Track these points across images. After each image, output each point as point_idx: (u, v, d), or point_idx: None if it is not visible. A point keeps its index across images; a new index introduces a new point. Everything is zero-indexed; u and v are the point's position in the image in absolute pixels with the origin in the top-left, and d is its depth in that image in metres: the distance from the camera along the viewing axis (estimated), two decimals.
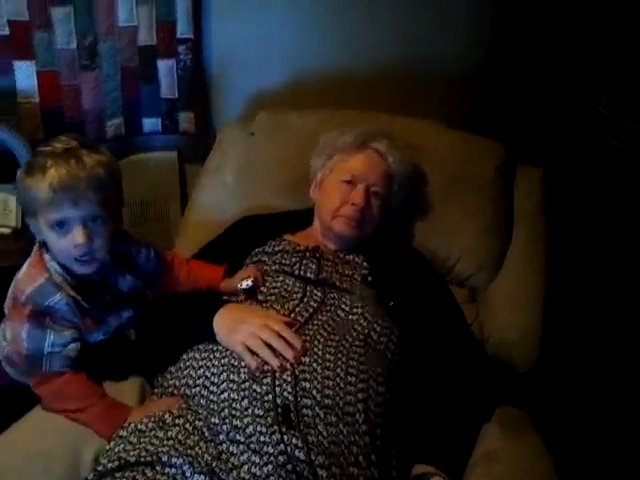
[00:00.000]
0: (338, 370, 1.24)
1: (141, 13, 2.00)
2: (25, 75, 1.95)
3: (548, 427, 1.46)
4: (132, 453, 1.12)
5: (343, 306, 1.39)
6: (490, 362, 1.53)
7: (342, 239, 1.56)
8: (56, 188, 1.14)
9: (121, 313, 1.35)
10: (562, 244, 1.86)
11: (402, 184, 1.61)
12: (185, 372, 1.28)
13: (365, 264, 1.53)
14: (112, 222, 1.24)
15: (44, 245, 1.24)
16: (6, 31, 1.89)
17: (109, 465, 1.11)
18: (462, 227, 1.70)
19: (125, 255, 1.35)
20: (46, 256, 1.23)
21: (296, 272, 1.47)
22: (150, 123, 2.17)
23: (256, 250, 1.56)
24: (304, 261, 1.49)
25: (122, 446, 1.15)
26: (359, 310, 1.39)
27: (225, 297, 1.44)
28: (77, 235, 1.17)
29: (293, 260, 1.50)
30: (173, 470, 1.08)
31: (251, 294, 1.42)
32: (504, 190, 1.75)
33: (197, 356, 1.30)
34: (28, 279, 1.23)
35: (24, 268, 1.26)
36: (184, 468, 1.08)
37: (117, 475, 1.08)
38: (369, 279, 1.49)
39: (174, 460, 1.08)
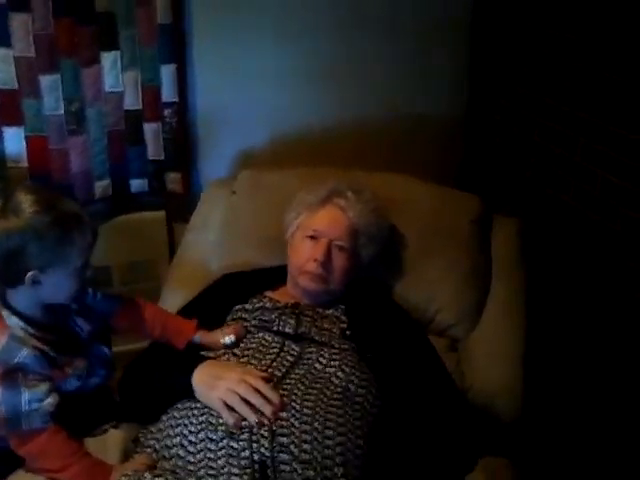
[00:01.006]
0: (316, 424, 1.25)
1: (127, 79, 2.05)
2: (14, 140, 1.99)
3: (532, 477, 1.45)
4: None
5: (321, 359, 1.41)
6: (472, 411, 1.53)
7: (310, 294, 1.59)
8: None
9: (88, 356, 1.37)
10: (541, 292, 1.88)
11: (370, 236, 1.62)
12: (164, 433, 1.29)
13: (344, 317, 1.55)
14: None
15: (2, 303, 1.28)
16: None
17: None
18: (440, 279, 1.72)
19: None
20: (5, 313, 1.27)
21: (275, 328, 1.49)
22: (137, 184, 2.21)
23: (237, 307, 1.58)
24: (283, 317, 1.51)
25: None
26: (337, 363, 1.40)
27: (203, 352, 1.45)
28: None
29: (272, 316, 1.52)
30: None
31: (231, 349, 1.44)
32: (481, 241, 1.79)
33: (176, 414, 1.31)
34: None
35: None
36: None
37: None
38: (347, 333, 1.51)
39: None
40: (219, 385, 1.29)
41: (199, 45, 2.13)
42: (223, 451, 1.19)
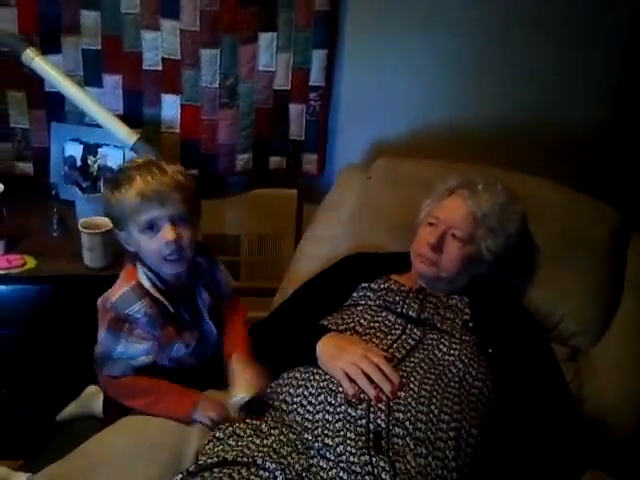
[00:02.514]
0: (432, 407, 1.28)
1: (280, 59, 2.15)
2: (170, 107, 2.14)
3: None
4: (230, 453, 1.21)
5: (441, 347, 1.43)
6: (585, 423, 1.51)
7: (424, 278, 1.61)
8: (144, 193, 1.27)
9: (201, 329, 1.43)
10: None
11: (490, 228, 1.60)
12: (284, 389, 1.36)
13: (467, 310, 1.56)
14: (195, 225, 1.36)
15: (134, 256, 1.37)
16: (159, 67, 2.09)
17: (209, 461, 1.19)
18: (570, 285, 1.70)
19: (203, 269, 1.44)
20: (138, 263, 1.36)
21: (398, 310, 1.53)
22: (276, 161, 2.31)
23: (363, 285, 1.63)
24: (407, 300, 1.55)
25: (221, 447, 1.24)
26: (456, 352, 1.42)
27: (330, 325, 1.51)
28: (166, 232, 1.29)
29: (397, 298, 1.56)
30: (266, 474, 1.15)
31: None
32: (616, 255, 1.75)
33: (297, 376, 1.37)
34: (116, 289, 1.36)
35: (117, 281, 1.38)
36: (276, 473, 1.15)
37: (215, 470, 1.17)
38: (470, 325, 1.52)
39: (268, 464, 1.16)
40: (343, 356, 1.34)
41: (351, 34, 2.18)
42: (340, 415, 1.25)
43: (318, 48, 2.14)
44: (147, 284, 1.34)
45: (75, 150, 2.04)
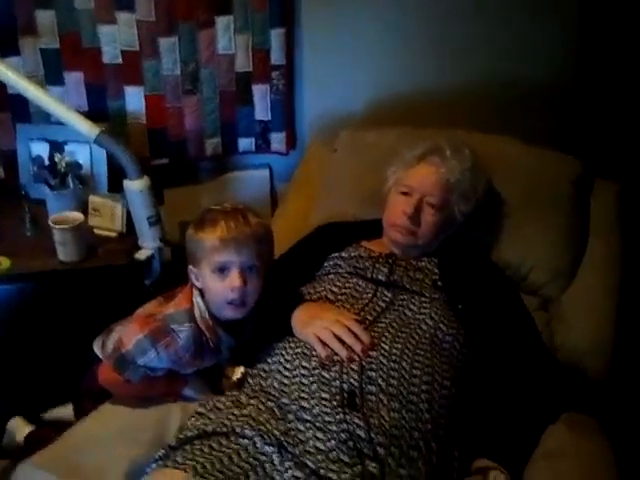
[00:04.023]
0: (404, 364, 1.32)
1: (239, 42, 2.16)
2: (134, 98, 2.16)
3: (617, 435, 1.45)
4: (210, 426, 1.25)
5: (411, 306, 1.47)
6: (559, 367, 1.55)
7: (400, 246, 1.64)
8: (224, 237, 1.32)
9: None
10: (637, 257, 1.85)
11: (463, 194, 1.63)
12: (262, 358, 1.40)
13: (436, 270, 1.60)
14: (263, 277, 1.39)
15: (197, 288, 1.40)
16: (119, 60, 2.10)
17: (189, 434, 1.23)
18: (536, 237, 1.73)
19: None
20: (195, 292, 1.39)
21: (368, 275, 1.56)
22: (245, 143, 2.33)
23: (334, 254, 1.66)
24: (377, 265, 1.58)
25: (201, 420, 1.28)
26: (427, 311, 1.46)
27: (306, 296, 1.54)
28: (234, 278, 1.33)
29: (367, 264, 1.59)
30: (245, 441, 1.20)
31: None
32: (580, 203, 1.78)
33: (273, 344, 1.42)
34: (175, 304, 1.39)
35: (176, 299, 1.41)
36: (255, 440, 1.19)
37: (196, 442, 1.21)
38: (439, 283, 1.55)
39: (247, 432, 1.20)
40: (315, 323, 1.38)
41: (307, 11, 2.19)
42: (315, 378, 1.29)
43: (275, 27, 2.15)
44: (197, 314, 1.37)
45: (42, 149, 2.05)
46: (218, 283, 1.35)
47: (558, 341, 1.65)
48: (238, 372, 1.41)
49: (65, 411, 1.68)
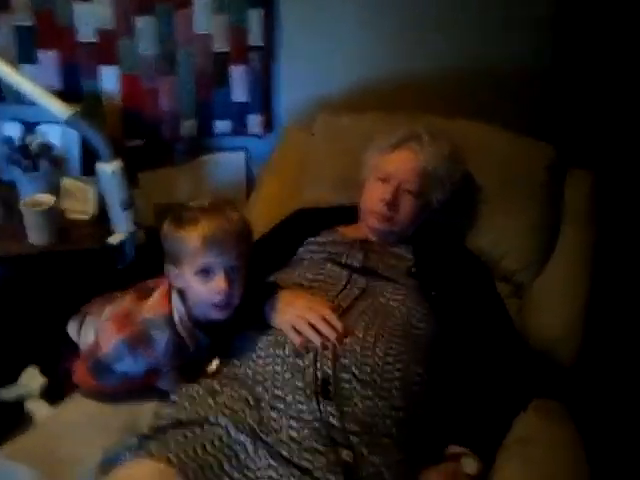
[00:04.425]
0: (377, 350, 1.33)
1: (216, 21, 2.12)
2: (110, 78, 2.12)
3: (586, 421, 1.48)
4: (183, 414, 1.25)
5: (385, 293, 1.48)
6: (530, 354, 1.57)
7: (377, 232, 1.65)
8: (207, 238, 1.28)
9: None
10: (610, 246, 1.87)
11: (440, 181, 1.65)
12: (236, 346, 1.40)
13: (410, 256, 1.61)
14: (245, 275, 1.36)
15: (175, 289, 1.36)
16: (94, 39, 2.06)
17: (163, 422, 1.24)
18: (508, 224, 1.75)
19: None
20: (174, 295, 1.36)
21: (343, 261, 1.57)
22: (221, 125, 2.30)
23: (309, 239, 1.66)
24: (351, 251, 1.59)
25: (175, 409, 1.28)
26: (400, 297, 1.47)
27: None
28: (219, 281, 1.30)
29: (341, 250, 1.60)
30: (219, 430, 1.20)
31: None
32: (553, 191, 1.80)
33: (247, 333, 1.41)
34: (152, 308, 1.35)
35: (154, 296, 1.38)
36: (229, 428, 1.20)
37: (169, 431, 1.21)
38: (413, 270, 1.57)
39: (220, 420, 1.21)
40: (289, 310, 1.38)
41: None
42: (289, 366, 1.29)
43: (254, 7, 2.12)
44: (176, 318, 1.34)
45: (14, 130, 2.01)
46: (202, 285, 1.31)
47: (530, 327, 1.68)
48: (213, 364, 1.39)
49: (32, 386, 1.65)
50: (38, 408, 1.63)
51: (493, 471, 1.30)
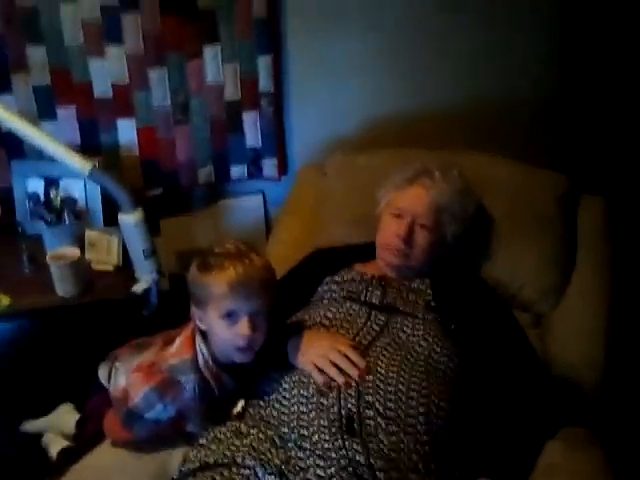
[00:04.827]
0: (400, 386, 1.34)
1: (227, 71, 2.19)
2: (127, 131, 2.18)
3: (612, 447, 1.47)
4: (211, 457, 1.27)
5: (405, 329, 1.49)
6: (554, 383, 1.57)
7: (393, 268, 1.67)
8: (232, 284, 1.30)
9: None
10: (627, 271, 1.88)
11: (453, 215, 1.67)
12: (260, 388, 1.42)
13: (429, 291, 1.62)
14: (268, 319, 1.39)
15: (199, 331, 1.40)
16: (110, 94, 2.13)
17: (191, 466, 1.25)
18: (524, 255, 1.77)
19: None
20: (198, 338, 1.39)
21: (362, 298, 1.59)
22: (237, 170, 2.36)
23: (327, 279, 1.69)
24: (370, 288, 1.61)
25: (203, 452, 1.30)
26: (420, 332, 1.49)
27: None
28: (244, 326, 1.33)
29: (360, 287, 1.62)
30: (247, 471, 1.22)
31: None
32: (566, 219, 1.82)
33: (271, 374, 1.43)
34: (177, 353, 1.39)
35: (176, 343, 1.41)
36: (257, 469, 1.21)
37: (198, 474, 1.23)
38: (432, 304, 1.58)
39: (248, 462, 1.22)
40: (311, 351, 1.41)
41: (292, 37, 2.23)
42: (313, 405, 1.31)
43: (263, 54, 2.19)
44: (201, 361, 1.37)
45: (37, 185, 2.07)
46: (226, 329, 1.34)
47: (552, 356, 1.68)
48: (238, 406, 1.41)
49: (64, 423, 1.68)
50: (53, 442, 1.67)
51: None
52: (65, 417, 1.65)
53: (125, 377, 1.43)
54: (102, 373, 1.49)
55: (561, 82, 2.39)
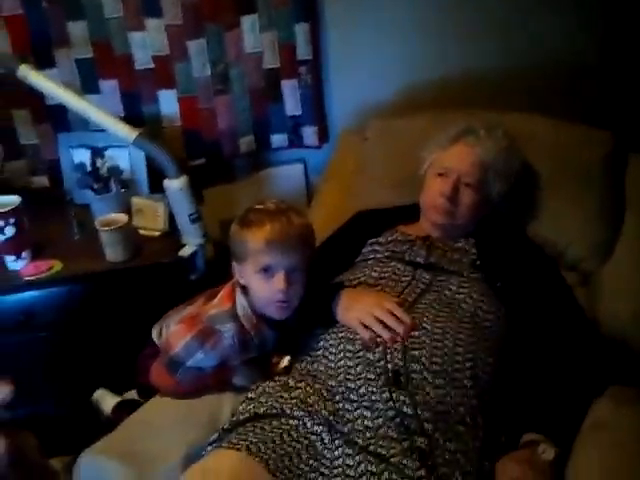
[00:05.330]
0: (446, 342, 1.35)
1: (265, 39, 2.20)
2: (168, 102, 2.21)
3: None
4: (261, 408, 1.30)
5: (451, 287, 1.49)
6: (602, 340, 1.55)
7: (438, 227, 1.66)
8: (270, 239, 1.34)
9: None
10: None
11: (498, 173, 1.65)
12: (308, 344, 1.44)
13: (473, 250, 1.61)
14: (306, 277, 1.42)
15: (239, 284, 1.44)
16: (151, 65, 2.16)
17: (241, 417, 1.28)
18: (570, 213, 1.74)
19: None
20: (237, 291, 1.43)
21: (406, 258, 1.59)
22: (278, 139, 2.37)
23: (371, 241, 1.69)
24: (414, 248, 1.61)
25: (252, 404, 1.33)
26: (466, 290, 1.48)
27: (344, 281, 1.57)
28: (279, 281, 1.36)
29: (404, 247, 1.62)
30: (295, 422, 1.24)
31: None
32: (613, 177, 1.78)
33: (317, 331, 1.45)
34: (217, 304, 1.44)
35: (217, 298, 1.46)
36: (305, 420, 1.24)
37: (248, 424, 1.26)
38: (477, 263, 1.57)
39: (296, 413, 1.25)
40: (356, 307, 1.42)
41: (330, 4, 2.21)
42: (360, 360, 1.33)
43: (300, 22, 2.18)
44: (240, 312, 1.41)
45: (84, 156, 2.13)
46: (262, 283, 1.37)
47: (600, 315, 1.66)
48: (285, 361, 1.44)
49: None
50: (104, 398, 1.71)
51: (570, 457, 1.29)
52: (101, 402, 1.71)
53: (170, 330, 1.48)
54: (155, 333, 1.54)
55: (606, 38, 2.33)
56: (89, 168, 2.11)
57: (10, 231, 1.80)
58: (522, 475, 1.22)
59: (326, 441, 1.21)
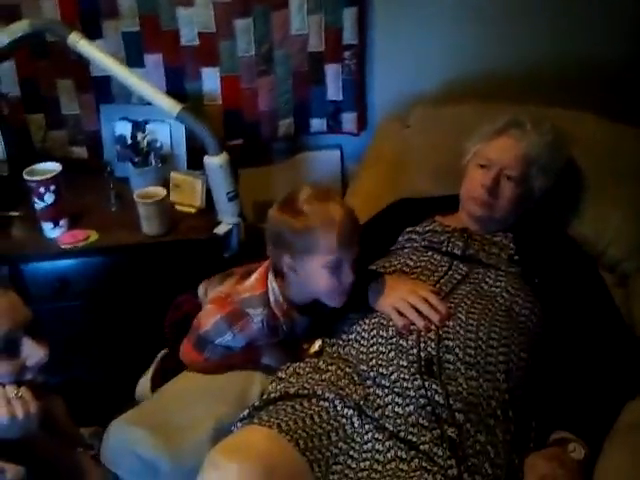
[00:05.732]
0: (480, 334, 1.34)
1: (311, 22, 2.18)
2: (211, 80, 2.21)
3: None
4: (292, 388, 1.30)
5: (487, 280, 1.48)
6: (638, 343, 1.52)
7: (477, 220, 1.64)
8: (342, 236, 1.31)
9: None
10: None
11: (542, 168, 1.62)
12: (340, 328, 1.44)
13: (512, 245, 1.59)
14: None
15: (273, 270, 1.42)
16: (196, 42, 2.16)
17: (272, 395, 1.29)
18: (613, 213, 1.71)
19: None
20: (270, 276, 1.42)
21: (444, 249, 1.57)
22: (317, 123, 2.35)
23: (408, 229, 1.68)
24: (452, 239, 1.59)
25: (283, 384, 1.33)
26: (502, 284, 1.47)
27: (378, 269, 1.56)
28: (348, 273, 1.35)
29: (441, 238, 1.61)
30: (326, 403, 1.24)
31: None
32: None
33: (351, 316, 1.45)
34: (249, 288, 1.43)
35: (251, 279, 1.45)
36: (335, 402, 1.23)
37: (279, 403, 1.26)
38: (515, 257, 1.56)
39: (327, 395, 1.25)
40: (391, 294, 1.41)
41: None
42: (393, 346, 1.32)
43: (348, 6, 2.16)
44: (272, 298, 1.41)
45: (124, 129, 2.14)
46: (330, 276, 1.34)
47: (636, 317, 1.62)
48: (316, 345, 1.44)
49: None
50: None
51: (599, 459, 1.27)
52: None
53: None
54: (201, 290, 1.57)
55: None
56: (129, 141, 2.12)
57: (50, 198, 1.81)
58: (551, 472, 1.20)
59: (356, 425, 1.21)
